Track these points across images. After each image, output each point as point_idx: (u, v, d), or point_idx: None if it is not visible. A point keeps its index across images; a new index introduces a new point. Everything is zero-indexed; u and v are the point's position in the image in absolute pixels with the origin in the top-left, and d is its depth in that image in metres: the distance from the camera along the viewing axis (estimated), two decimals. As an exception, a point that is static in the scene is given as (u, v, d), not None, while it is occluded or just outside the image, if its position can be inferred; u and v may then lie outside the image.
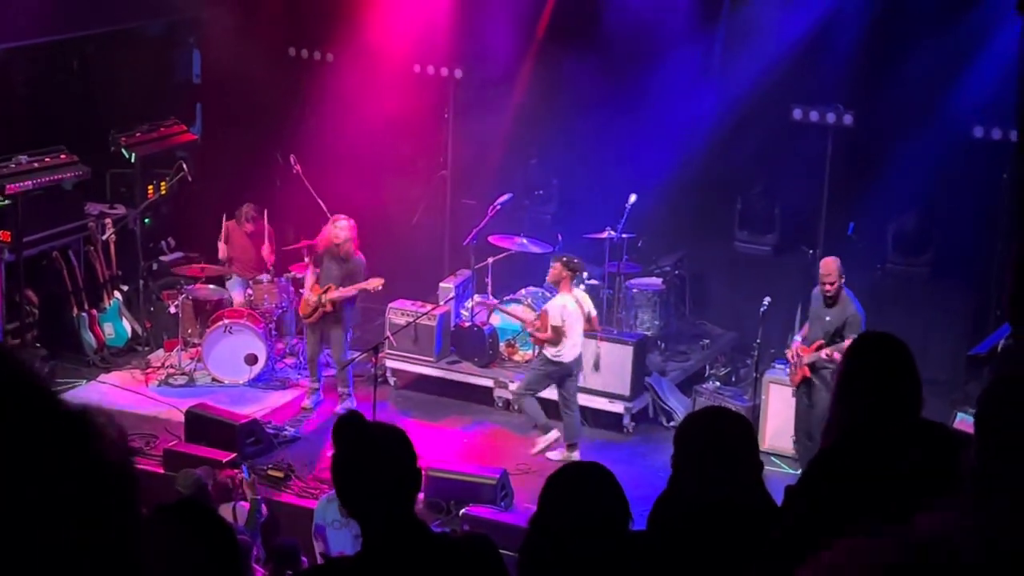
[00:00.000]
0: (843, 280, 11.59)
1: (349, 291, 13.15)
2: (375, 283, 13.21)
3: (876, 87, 13.75)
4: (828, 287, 11.58)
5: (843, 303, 11.62)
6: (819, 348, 11.61)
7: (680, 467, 4.13)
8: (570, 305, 12.30)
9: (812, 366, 11.68)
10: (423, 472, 11.04)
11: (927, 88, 13.55)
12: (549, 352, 12.38)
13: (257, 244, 14.76)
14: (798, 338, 12.12)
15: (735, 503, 4.03)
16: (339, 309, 13.22)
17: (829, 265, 11.65)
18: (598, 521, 3.79)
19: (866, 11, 13.61)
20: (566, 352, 12.33)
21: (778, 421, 12.64)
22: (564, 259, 12.42)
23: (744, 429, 4.16)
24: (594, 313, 12.60)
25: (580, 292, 12.63)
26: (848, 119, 13.77)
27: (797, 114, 13.94)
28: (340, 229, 13.11)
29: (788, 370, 12.19)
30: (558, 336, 12.23)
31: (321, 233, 13.41)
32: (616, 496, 3.88)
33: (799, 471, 11.90)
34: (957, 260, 13.78)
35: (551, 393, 12.67)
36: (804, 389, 11.84)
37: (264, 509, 10.50)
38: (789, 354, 12.14)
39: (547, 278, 12.84)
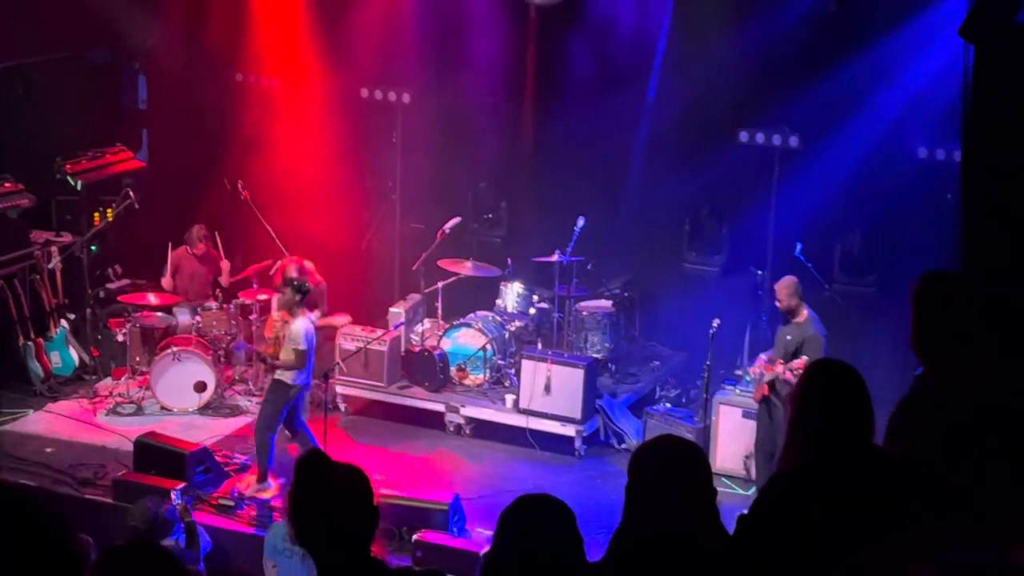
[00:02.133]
0: (801, 300, 11.71)
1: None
2: (341, 320, 13.27)
3: (820, 109, 13.85)
4: (777, 303, 11.78)
5: (804, 323, 11.72)
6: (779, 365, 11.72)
7: (634, 498, 4.14)
8: (312, 331, 11.93)
9: (771, 384, 11.75)
10: (375, 498, 11.01)
11: (871, 109, 13.68)
12: (286, 377, 11.83)
13: (208, 267, 14.68)
14: (763, 356, 12.19)
15: (689, 534, 4.05)
16: None
17: (780, 283, 11.82)
18: (552, 555, 3.79)
19: (809, 33, 13.71)
20: (301, 376, 11.89)
21: (729, 442, 12.69)
22: (294, 283, 11.93)
23: (697, 458, 4.18)
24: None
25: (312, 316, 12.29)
26: (794, 141, 13.90)
27: (743, 137, 14.05)
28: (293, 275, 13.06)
29: (753, 386, 12.27)
30: (301, 362, 11.79)
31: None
32: (569, 529, 3.88)
33: (751, 491, 11.99)
34: (903, 280, 13.84)
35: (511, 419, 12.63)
36: (764, 407, 11.91)
37: (207, 538, 10.43)
38: (752, 371, 12.22)
39: (278, 306, 12.13)
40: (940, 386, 4.67)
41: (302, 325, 11.76)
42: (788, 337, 11.77)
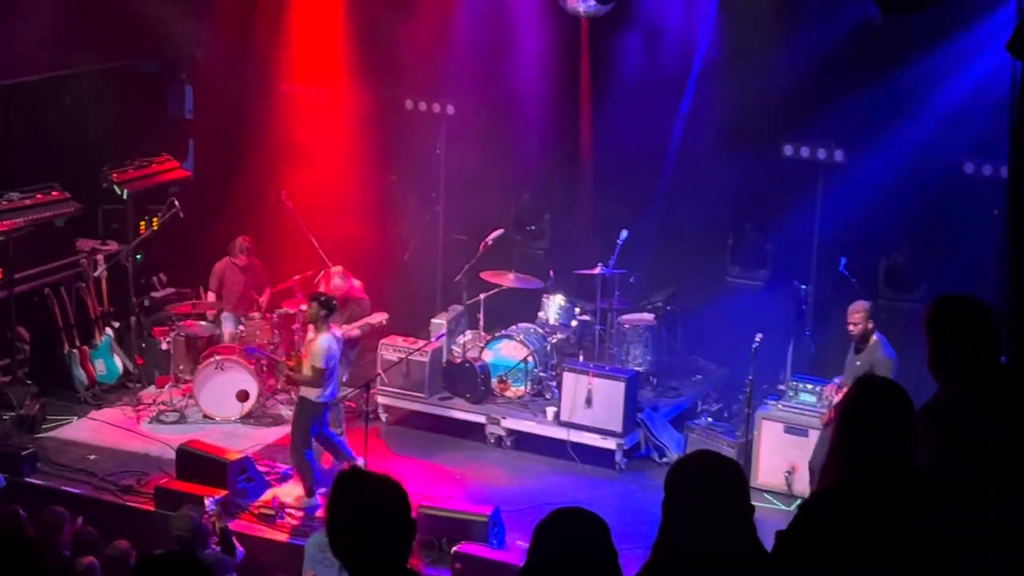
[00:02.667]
0: (871, 325, 11.63)
1: (353, 329, 13.18)
2: (379, 318, 13.27)
3: (867, 124, 13.79)
4: (851, 328, 11.67)
5: (872, 348, 11.65)
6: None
7: (670, 514, 4.12)
8: (334, 348, 11.93)
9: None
10: (415, 509, 11.02)
11: (917, 123, 13.59)
12: (310, 394, 11.89)
13: (251, 277, 14.76)
14: (836, 381, 12.15)
15: (725, 552, 4.02)
16: (345, 348, 13.21)
17: (852, 307, 11.74)
18: (586, 570, 3.78)
19: (855, 46, 13.65)
20: (326, 393, 11.95)
21: (770, 457, 12.63)
22: (322, 298, 11.95)
23: (734, 474, 4.15)
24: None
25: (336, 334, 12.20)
26: (839, 155, 13.82)
27: (788, 150, 13.99)
28: (335, 288, 13.13)
29: (821, 411, 12.24)
30: (319, 379, 11.79)
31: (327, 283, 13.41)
32: (603, 543, 3.87)
33: (793, 507, 11.92)
34: (949, 295, 13.76)
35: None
36: (828, 430, 11.86)
37: (240, 548, 10.47)
38: (825, 397, 12.21)
39: (306, 318, 12.20)
40: (954, 401, 4.73)
41: (324, 342, 11.78)
42: (857, 363, 11.66)
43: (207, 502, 11.13)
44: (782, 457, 12.51)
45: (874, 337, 11.70)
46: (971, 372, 4.90)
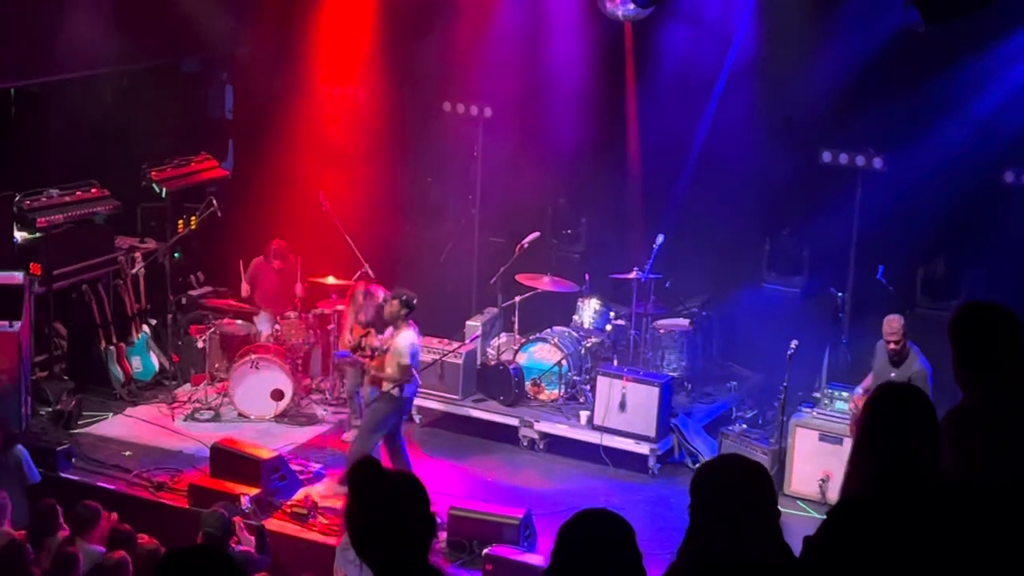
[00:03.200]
0: (907, 337, 11.57)
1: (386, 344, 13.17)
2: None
3: (906, 131, 13.71)
4: (893, 346, 11.59)
5: (909, 360, 11.59)
6: None
7: (697, 518, 4.10)
8: (416, 343, 11.99)
9: None
10: (447, 511, 11.06)
11: (957, 131, 13.50)
12: (393, 391, 11.95)
13: (285, 280, 14.83)
14: (859, 389, 12.09)
15: (750, 557, 4.00)
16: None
17: (892, 324, 11.64)
18: (610, 571, 3.77)
19: (895, 54, 13.57)
20: (409, 389, 12.03)
21: (804, 465, 12.56)
22: (403, 296, 11.95)
23: (759, 478, 4.13)
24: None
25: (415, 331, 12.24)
26: (878, 163, 13.74)
27: (826, 157, 13.91)
28: (367, 306, 13.15)
29: (849, 420, 12.15)
30: (406, 376, 11.86)
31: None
32: (628, 545, 3.85)
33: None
34: (988, 305, 13.65)
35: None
36: None
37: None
38: (850, 406, 12.15)
39: (384, 315, 12.19)
40: (978, 408, 4.73)
41: (407, 339, 11.85)
42: (892, 375, 11.58)
43: (243, 500, 11.18)
44: (816, 465, 12.45)
45: (910, 347, 11.63)
46: (996, 379, 4.88)
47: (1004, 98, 13.17)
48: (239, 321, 14.56)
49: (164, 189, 15.19)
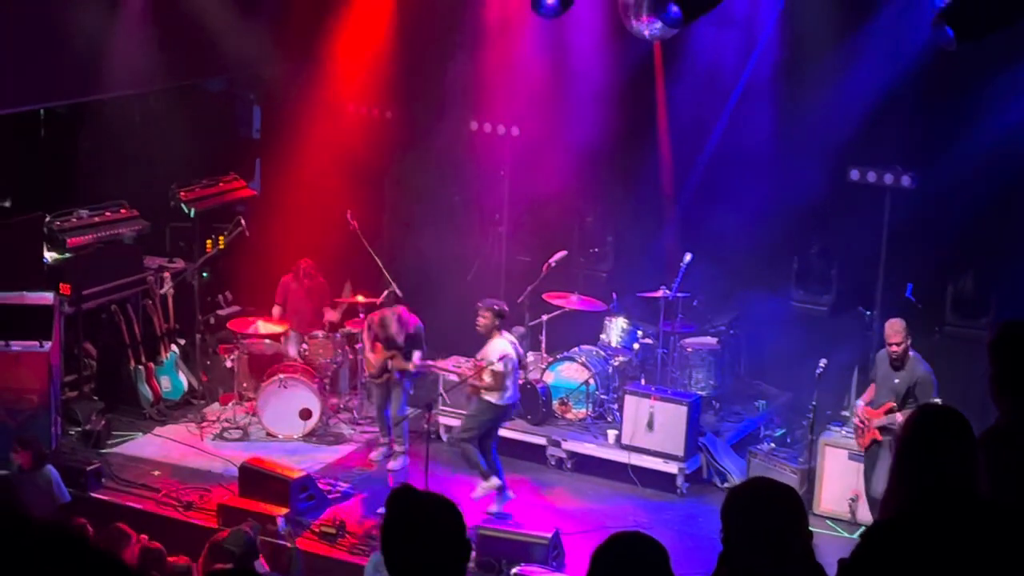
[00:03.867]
0: (909, 341, 11.55)
1: (411, 367, 13.21)
2: (444, 365, 13.41)
3: (934, 148, 13.66)
4: (895, 348, 11.57)
5: (911, 364, 11.58)
6: (890, 411, 11.56)
7: (729, 543, 4.09)
8: (509, 351, 12.29)
9: (883, 429, 11.58)
10: (475, 531, 11.06)
11: (985, 149, 13.43)
12: (490, 396, 12.29)
13: (314, 299, 14.88)
14: (860, 402, 12.03)
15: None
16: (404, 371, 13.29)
17: (895, 326, 11.63)
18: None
19: (924, 71, 13.54)
20: (505, 395, 12.30)
21: (834, 484, 12.52)
22: (494, 308, 12.37)
23: (791, 502, 4.11)
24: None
25: (511, 336, 12.62)
26: (906, 180, 13.69)
27: (854, 175, 13.86)
28: (391, 322, 13.21)
29: (855, 434, 12.10)
30: (499, 382, 12.18)
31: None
32: (662, 569, 3.84)
33: (856, 534, 11.81)
34: (1017, 323, 13.57)
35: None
36: (873, 452, 11.74)
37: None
38: (855, 419, 12.09)
39: (478, 328, 12.55)
40: (1015, 428, 4.72)
41: (499, 347, 12.16)
42: (895, 380, 11.60)
43: (279, 521, 11.20)
44: (846, 484, 12.40)
45: (911, 353, 11.60)
46: None
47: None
48: (267, 340, 14.59)
49: (192, 209, 15.24)
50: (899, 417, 11.47)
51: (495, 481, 12.38)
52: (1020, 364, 4.95)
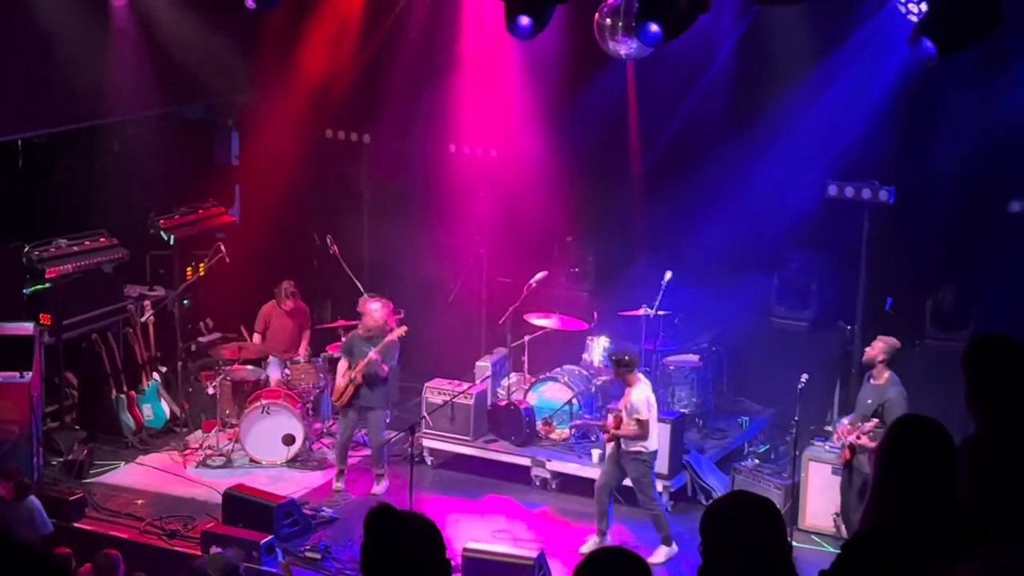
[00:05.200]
0: (883, 359, 11.61)
1: (374, 353, 13.14)
2: (398, 332, 13.26)
3: (912, 162, 13.71)
4: (867, 351, 11.80)
5: (884, 385, 11.62)
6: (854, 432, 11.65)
7: (708, 556, 4.10)
8: (650, 396, 12.19)
9: (852, 448, 11.64)
10: (461, 551, 11.02)
11: (963, 163, 13.50)
12: (637, 447, 12.11)
13: (296, 321, 14.86)
14: (845, 421, 12.08)
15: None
16: (373, 384, 13.22)
17: (883, 339, 11.80)
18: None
19: (902, 86, 13.60)
20: (652, 442, 12.20)
21: (818, 499, 12.54)
22: (622, 358, 12.15)
23: (769, 513, 4.13)
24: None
25: (646, 379, 12.50)
26: (884, 195, 13.73)
27: (832, 190, 13.89)
28: (373, 311, 13.23)
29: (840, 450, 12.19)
30: (645, 430, 12.07)
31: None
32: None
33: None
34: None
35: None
36: (847, 472, 11.81)
37: None
38: (835, 437, 12.15)
39: (616, 378, 12.54)
40: (991, 439, 4.75)
41: (642, 394, 12.02)
42: (868, 400, 11.68)
43: (276, 551, 11.18)
44: (830, 499, 12.41)
45: (886, 374, 11.66)
46: (1009, 411, 4.89)
47: (1012, 129, 13.14)
48: (249, 367, 14.57)
49: (172, 236, 15.24)
50: (850, 437, 11.57)
51: (673, 550, 12.22)
52: (993, 375, 4.98)
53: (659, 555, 12.14)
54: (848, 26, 13.73)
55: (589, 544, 12.29)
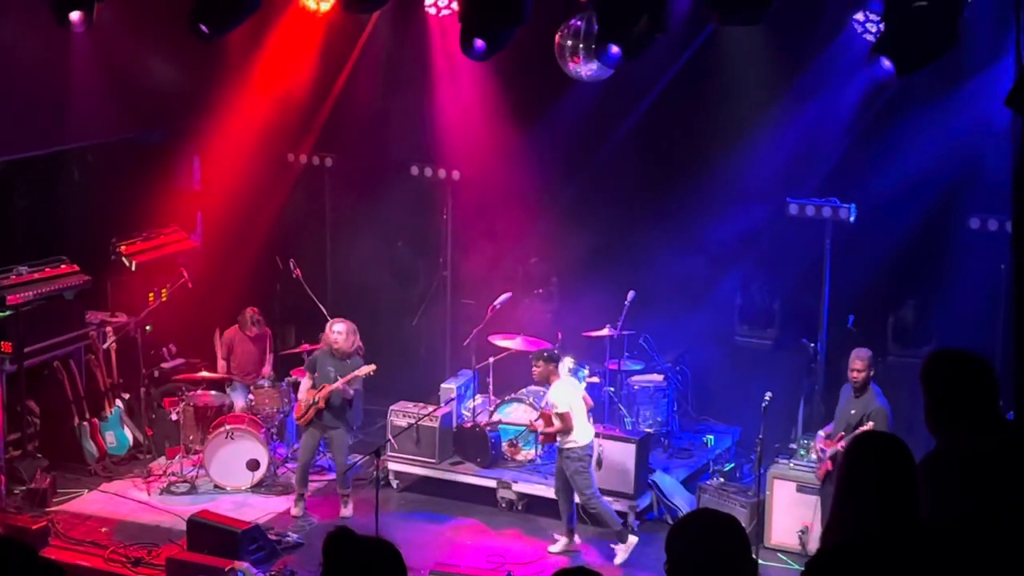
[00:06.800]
0: (871, 373, 11.69)
1: (340, 383, 13.13)
2: (366, 369, 13.24)
3: (872, 180, 13.81)
4: (854, 374, 11.79)
5: (867, 397, 11.71)
6: (840, 440, 11.69)
7: (673, 574, 4.11)
8: (569, 388, 12.42)
9: (834, 459, 11.67)
10: (428, 573, 10.96)
11: (922, 180, 13.61)
12: (567, 443, 12.32)
13: (260, 347, 14.82)
14: (821, 433, 12.13)
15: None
16: (336, 408, 13.20)
17: (859, 354, 11.87)
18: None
19: (862, 104, 13.71)
20: (581, 435, 12.32)
21: (784, 517, 12.56)
22: (544, 354, 12.56)
23: (732, 530, 4.15)
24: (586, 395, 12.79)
25: (569, 377, 12.75)
26: (845, 213, 13.80)
27: (793, 209, 13.96)
28: (338, 334, 13.21)
29: (815, 464, 12.22)
30: (567, 423, 12.21)
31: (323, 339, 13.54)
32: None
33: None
34: (958, 351, 13.69)
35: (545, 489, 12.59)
36: (829, 485, 11.81)
37: None
38: (813, 451, 12.19)
39: (535, 377, 12.79)
40: (950, 455, 4.78)
41: (561, 389, 12.34)
42: (852, 411, 11.72)
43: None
44: (795, 516, 12.45)
45: (871, 386, 11.73)
46: (967, 426, 4.91)
47: (972, 146, 13.25)
48: (213, 392, 14.51)
49: (134, 262, 15.17)
50: (839, 445, 11.62)
51: (634, 540, 12.46)
52: (950, 390, 5.00)
53: (620, 554, 12.25)
54: (807, 45, 13.83)
55: (558, 545, 12.37)
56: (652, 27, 10.32)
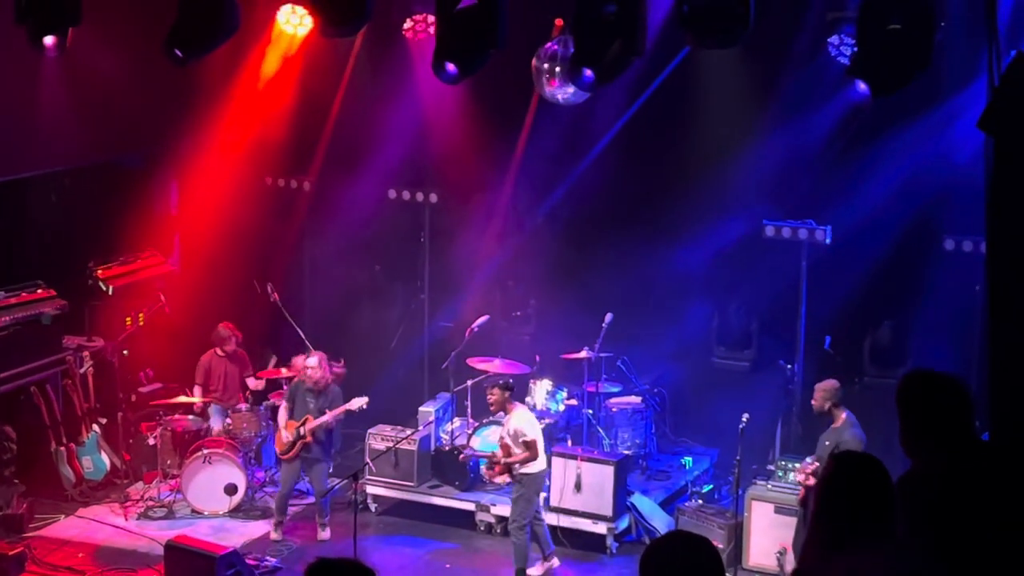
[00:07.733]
0: (837, 405, 11.75)
1: (329, 417, 13.17)
2: (358, 403, 13.26)
3: (848, 202, 13.88)
4: (813, 403, 11.92)
5: (840, 428, 11.73)
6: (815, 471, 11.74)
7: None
8: (531, 415, 12.58)
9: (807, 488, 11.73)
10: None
11: (898, 202, 13.68)
12: (527, 468, 12.35)
13: (238, 365, 14.77)
14: (809, 459, 12.17)
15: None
16: (321, 440, 13.24)
17: (821, 385, 11.99)
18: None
19: (838, 125, 13.79)
20: (542, 463, 12.40)
21: (762, 538, 12.57)
22: (500, 382, 12.60)
23: (704, 552, 4.16)
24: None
25: (522, 407, 12.80)
26: (821, 234, 13.87)
27: (770, 231, 14.02)
28: (312, 368, 13.22)
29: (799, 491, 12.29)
30: (534, 451, 12.26)
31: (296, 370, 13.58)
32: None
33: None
34: (935, 371, 13.75)
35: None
36: (803, 511, 11.87)
37: None
38: (799, 476, 12.25)
39: (491, 408, 12.79)
40: (924, 476, 4.81)
41: (523, 416, 12.43)
42: (826, 443, 11.77)
43: None
44: (773, 538, 12.46)
45: (842, 416, 11.81)
46: (942, 447, 4.95)
47: (946, 167, 13.32)
48: (190, 417, 14.47)
49: (111, 287, 15.13)
50: (799, 477, 11.77)
51: (555, 561, 12.56)
52: (925, 411, 5.04)
53: (538, 567, 12.44)
54: (783, 68, 13.91)
55: (537, 568, 12.37)
56: (627, 50, 10.34)
